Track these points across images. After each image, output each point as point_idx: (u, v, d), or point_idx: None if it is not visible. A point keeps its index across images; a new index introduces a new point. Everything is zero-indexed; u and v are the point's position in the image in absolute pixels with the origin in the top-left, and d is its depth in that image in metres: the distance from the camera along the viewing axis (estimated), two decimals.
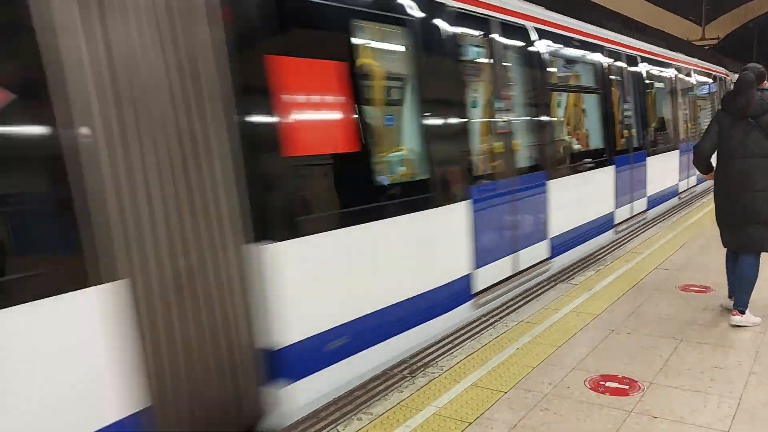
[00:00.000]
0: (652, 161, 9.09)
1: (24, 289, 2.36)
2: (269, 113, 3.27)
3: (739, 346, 4.05)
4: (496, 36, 5.41)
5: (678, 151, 10.60)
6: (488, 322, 4.68)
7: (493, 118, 5.40)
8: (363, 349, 3.81)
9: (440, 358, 4.02)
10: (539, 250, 5.96)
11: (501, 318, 4.77)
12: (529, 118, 5.93)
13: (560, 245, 6.36)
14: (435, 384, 3.61)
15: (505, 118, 5.52)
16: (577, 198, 6.80)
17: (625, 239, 7.75)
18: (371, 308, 3.88)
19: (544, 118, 6.13)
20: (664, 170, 9.95)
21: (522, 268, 5.64)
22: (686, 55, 12.26)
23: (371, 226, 3.86)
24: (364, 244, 3.82)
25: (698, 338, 4.21)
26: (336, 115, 3.68)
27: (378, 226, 3.92)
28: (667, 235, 7.75)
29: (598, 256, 6.76)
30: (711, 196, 5.52)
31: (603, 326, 4.50)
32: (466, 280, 4.82)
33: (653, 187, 9.32)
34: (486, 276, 5.08)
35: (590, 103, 7.72)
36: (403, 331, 4.16)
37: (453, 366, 3.86)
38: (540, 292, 5.47)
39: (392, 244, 4.07)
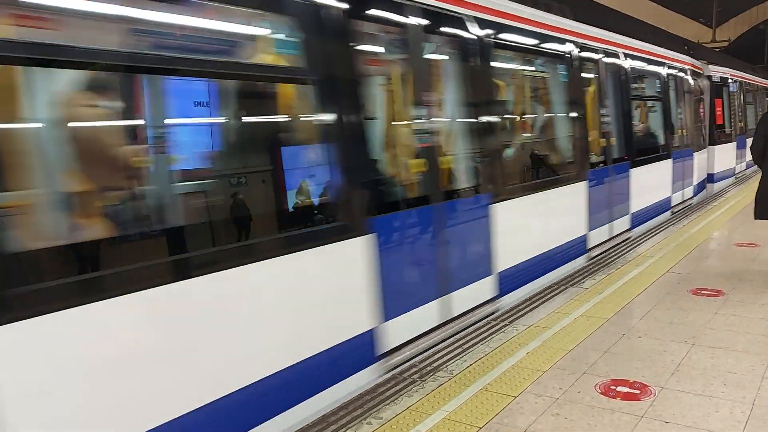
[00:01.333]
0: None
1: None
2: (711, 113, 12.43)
3: (752, 351, 4.01)
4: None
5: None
6: (498, 327, 4.67)
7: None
8: (721, 180, 13.19)
9: (450, 362, 4.01)
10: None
11: (511, 322, 4.76)
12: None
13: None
14: (445, 388, 3.61)
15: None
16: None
17: (644, 238, 7.71)
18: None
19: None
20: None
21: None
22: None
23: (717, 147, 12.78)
24: (721, 152, 13.05)
25: (710, 343, 4.18)
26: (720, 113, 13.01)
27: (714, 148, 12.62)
28: (678, 239, 7.70)
29: (608, 260, 6.73)
30: (710, 207, 9.86)
31: (614, 330, 4.47)
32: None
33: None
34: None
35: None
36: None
37: (463, 370, 3.85)
38: (550, 296, 5.45)
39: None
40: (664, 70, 9.61)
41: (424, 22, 4.41)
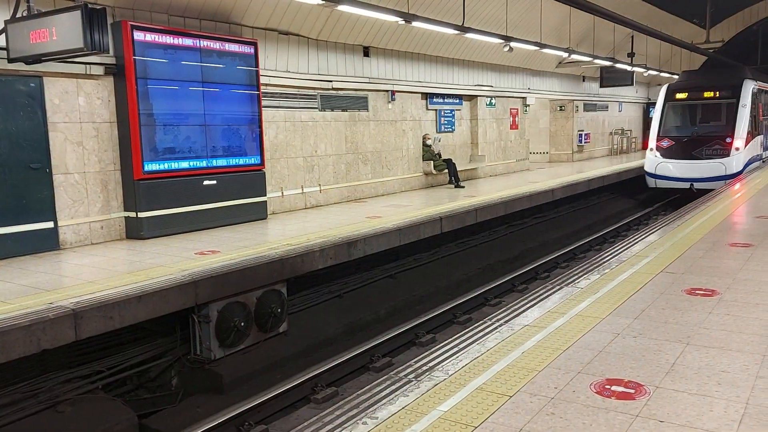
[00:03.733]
0: None
1: None
2: None
3: (746, 350, 4.04)
4: None
5: None
6: (494, 326, 4.68)
7: None
8: None
9: (445, 362, 4.02)
10: None
11: (506, 322, 4.77)
12: None
13: None
14: (440, 388, 3.61)
15: None
16: None
17: (630, 243, 7.74)
18: None
19: None
20: None
21: None
22: None
23: None
24: None
25: (705, 342, 4.20)
26: None
27: None
28: (672, 239, 7.74)
29: (604, 260, 6.75)
30: (708, 204, 9.80)
31: (608, 330, 4.49)
32: None
33: None
34: None
35: None
36: None
37: (458, 370, 3.86)
38: (545, 295, 5.46)
39: None
40: None
41: None
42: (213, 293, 6.41)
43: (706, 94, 16.68)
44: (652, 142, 16.67)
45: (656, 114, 17.03)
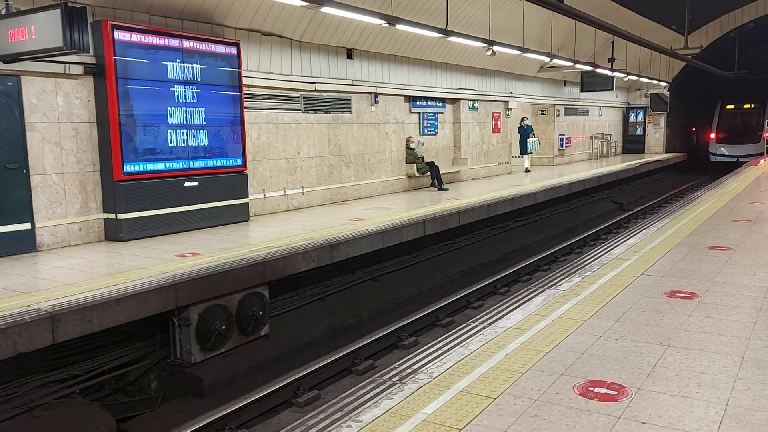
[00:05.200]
0: None
1: None
2: None
3: (725, 352, 4.09)
4: None
5: None
6: (477, 329, 4.68)
7: None
8: None
9: (429, 364, 4.01)
10: None
11: (489, 324, 4.78)
12: None
13: None
14: (425, 390, 3.60)
15: None
16: None
17: (613, 245, 7.80)
18: None
19: None
20: None
21: None
22: None
23: None
24: None
25: (685, 344, 4.25)
26: None
27: None
28: (652, 242, 7.82)
29: (585, 263, 6.80)
30: (688, 207, 9.64)
31: (591, 332, 4.52)
32: None
33: None
34: None
35: None
36: None
37: (442, 372, 3.85)
38: (527, 298, 5.48)
39: None
40: None
41: None
42: (193, 296, 6.34)
43: (745, 105, 28.80)
44: (713, 134, 28.43)
45: (715, 117, 28.76)
